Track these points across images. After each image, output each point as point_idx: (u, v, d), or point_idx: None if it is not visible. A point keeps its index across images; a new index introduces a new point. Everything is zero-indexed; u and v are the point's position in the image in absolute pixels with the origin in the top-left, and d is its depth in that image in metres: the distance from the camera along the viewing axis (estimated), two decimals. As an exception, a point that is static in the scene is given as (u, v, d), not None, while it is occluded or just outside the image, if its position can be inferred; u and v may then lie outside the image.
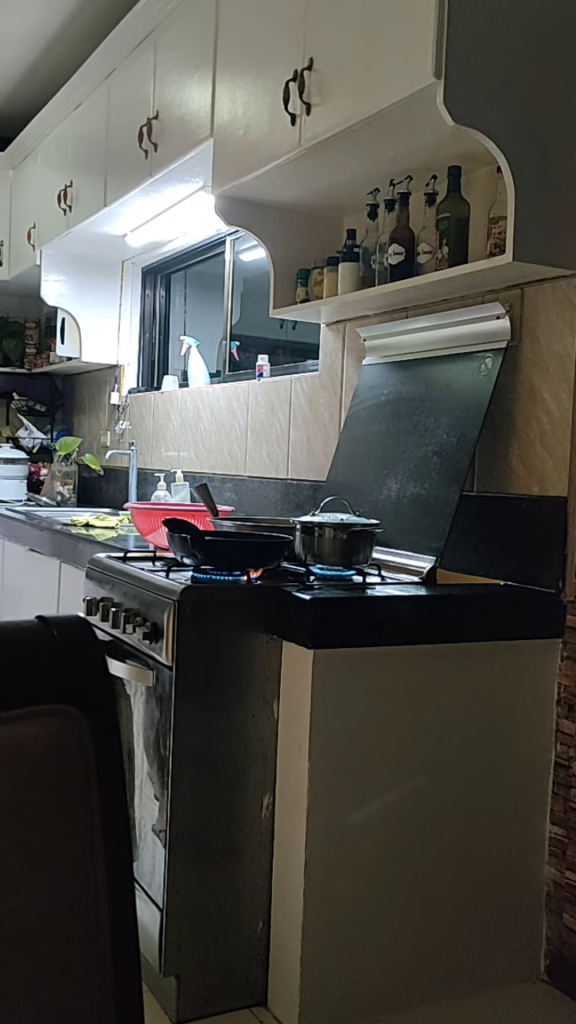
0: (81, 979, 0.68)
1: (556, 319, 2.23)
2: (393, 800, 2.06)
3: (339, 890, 2.00)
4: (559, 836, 2.21)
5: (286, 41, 2.51)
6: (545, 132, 2.07)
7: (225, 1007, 2.05)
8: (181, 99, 3.17)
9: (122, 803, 0.71)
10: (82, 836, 0.68)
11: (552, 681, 2.21)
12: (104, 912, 0.69)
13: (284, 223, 2.98)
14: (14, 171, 5.18)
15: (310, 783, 1.96)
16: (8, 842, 0.65)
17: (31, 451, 5.21)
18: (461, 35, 1.97)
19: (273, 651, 2.06)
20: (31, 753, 0.66)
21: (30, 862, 0.66)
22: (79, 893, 0.68)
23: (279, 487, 3.34)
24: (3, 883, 0.64)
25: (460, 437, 2.35)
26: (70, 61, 4.26)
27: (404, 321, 2.69)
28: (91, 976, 0.68)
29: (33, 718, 0.66)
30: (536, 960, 2.24)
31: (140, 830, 2.15)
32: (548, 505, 2.22)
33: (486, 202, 2.29)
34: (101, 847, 0.69)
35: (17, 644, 0.69)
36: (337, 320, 3.05)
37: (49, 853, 0.67)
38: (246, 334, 4.03)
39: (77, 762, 0.68)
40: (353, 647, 1.99)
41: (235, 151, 2.77)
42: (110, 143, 3.81)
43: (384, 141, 2.35)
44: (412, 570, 2.29)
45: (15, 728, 0.65)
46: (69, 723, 0.67)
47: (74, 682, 0.69)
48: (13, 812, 0.65)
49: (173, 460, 4.18)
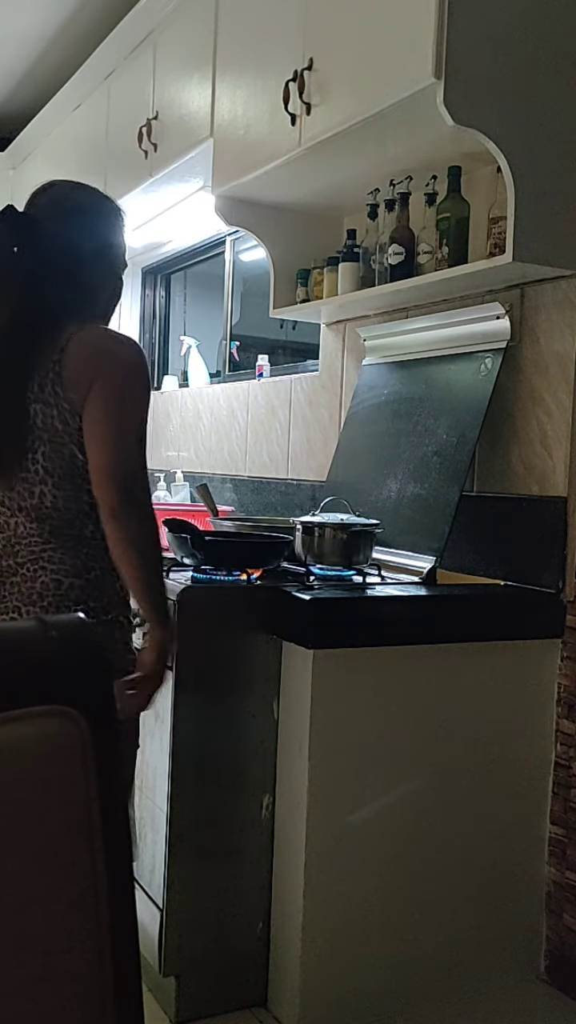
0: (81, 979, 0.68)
1: (556, 319, 2.23)
2: (393, 800, 2.06)
3: (339, 890, 2.00)
4: (559, 836, 2.21)
5: (286, 41, 2.51)
6: (545, 132, 2.07)
7: (225, 1007, 2.05)
8: (181, 99, 3.17)
9: (122, 803, 0.71)
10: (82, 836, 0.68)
11: (552, 681, 2.21)
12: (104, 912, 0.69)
13: (284, 223, 2.98)
14: (14, 171, 5.18)
15: (310, 783, 1.96)
16: (8, 842, 0.65)
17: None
18: (461, 35, 1.97)
19: (273, 651, 2.06)
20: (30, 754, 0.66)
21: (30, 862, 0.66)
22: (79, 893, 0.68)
23: (279, 487, 3.34)
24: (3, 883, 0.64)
25: (460, 437, 2.35)
26: (70, 61, 4.26)
27: (404, 321, 2.69)
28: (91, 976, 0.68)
29: (32, 719, 0.66)
30: (536, 960, 2.24)
31: (140, 830, 2.15)
32: (548, 505, 2.22)
33: (486, 202, 2.29)
34: (101, 847, 0.69)
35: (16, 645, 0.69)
36: (337, 320, 3.05)
37: (49, 853, 0.66)
38: (246, 334, 4.03)
39: (77, 763, 0.68)
40: (353, 647, 1.99)
41: (235, 151, 2.77)
42: (110, 143, 3.81)
43: (384, 141, 2.34)
44: (412, 570, 2.29)
45: (14, 729, 0.65)
46: (68, 724, 0.67)
47: (73, 683, 0.69)
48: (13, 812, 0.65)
49: (173, 460, 4.18)
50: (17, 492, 1.62)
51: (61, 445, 1.58)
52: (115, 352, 1.62)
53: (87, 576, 1.63)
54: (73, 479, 1.61)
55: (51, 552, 1.61)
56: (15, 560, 1.62)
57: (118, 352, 1.62)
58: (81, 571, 1.62)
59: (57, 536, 1.61)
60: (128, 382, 1.59)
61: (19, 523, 1.62)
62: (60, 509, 1.61)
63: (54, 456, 1.59)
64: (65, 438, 1.58)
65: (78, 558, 1.62)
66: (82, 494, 1.62)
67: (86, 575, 1.63)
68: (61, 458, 1.59)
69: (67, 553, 1.62)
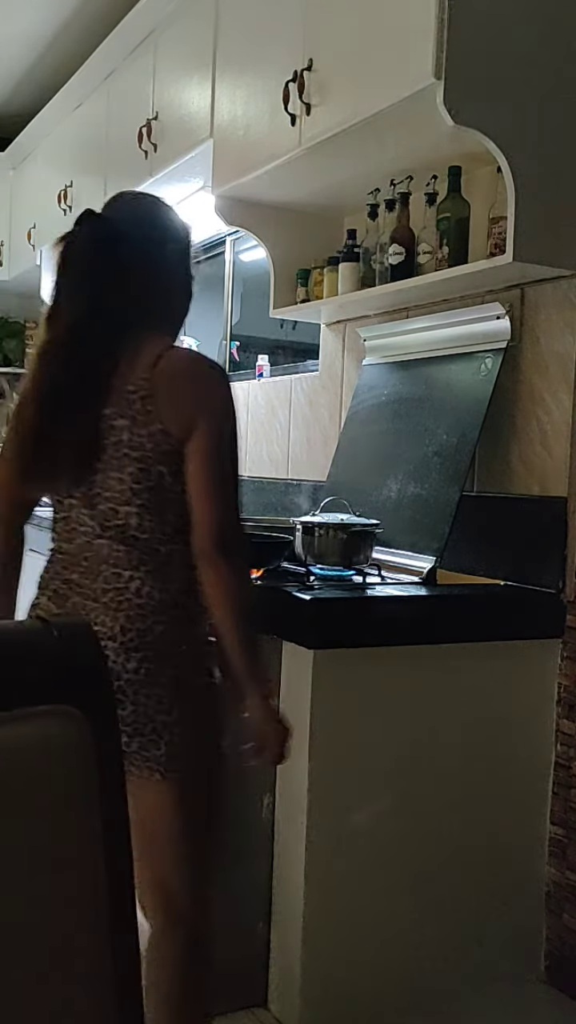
0: (81, 979, 0.68)
1: (556, 319, 2.23)
2: (393, 800, 2.06)
3: (339, 890, 2.00)
4: (559, 836, 2.21)
5: (286, 41, 2.50)
6: (545, 132, 2.07)
7: (225, 1007, 2.05)
8: (181, 99, 3.17)
9: (122, 803, 0.71)
10: (82, 836, 0.68)
11: (552, 681, 2.21)
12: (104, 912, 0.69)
13: (284, 223, 2.98)
14: (14, 171, 5.18)
15: (310, 783, 1.96)
16: (8, 842, 0.65)
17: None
18: (461, 35, 1.97)
19: (273, 651, 2.06)
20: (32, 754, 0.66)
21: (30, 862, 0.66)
22: (79, 893, 0.68)
23: (279, 487, 3.34)
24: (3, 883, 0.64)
25: (460, 437, 2.35)
26: (70, 61, 4.26)
27: (404, 321, 2.69)
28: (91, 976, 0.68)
29: (34, 719, 0.66)
30: (536, 960, 2.24)
31: (140, 830, 2.15)
32: (548, 505, 2.22)
33: (486, 202, 2.29)
34: (101, 847, 0.69)
35: (18, 644, 0.69)
36: (337, 320, 3.05)
37: (49, 853, 0.67)
38: (246, 334, 4.03)
39: (78, 762, 0.68)
40: (353, 647, 1.99)
41: (235, 151, 2.77)
42: (110, 143, 3.81)
43: (384, 141, 2.34)
44: (412, 570, 2.29)
45: (15, 729, 0.65)
46: (70, 724, 0.67)
47: (75, 682, 0.69)
48: (13, 812, 0.65)
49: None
50: (100, 511, 1.54)
51: (149, 464, 1.52)
52: (214, 386, 1.57)
53: (173, 612, 1.54)
54: (160, 501, 1.54)
55: (139, 583, 1.53)
56: (101, 585, 1.54)
57: (217, 387, 1.57)
58: (169, 607, 1.54)
59: (146, 563, 1.54)
60: (227, 423, 1.55)
61: (103, 545, 1.55)
62: (147, 532, 1.53)
63: (142, 477, 1.52)
64: (154, 457, 1.51)
65: (166, 592, 1.54)
66: (168, 515, 1.54)
67: (172, 611, 1.54)
68: (149, 478, 1.52)
69: (155, 586, 1.53)
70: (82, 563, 1.58)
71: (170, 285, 1.68)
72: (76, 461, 1.55)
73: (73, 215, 4.49)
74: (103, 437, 1.53)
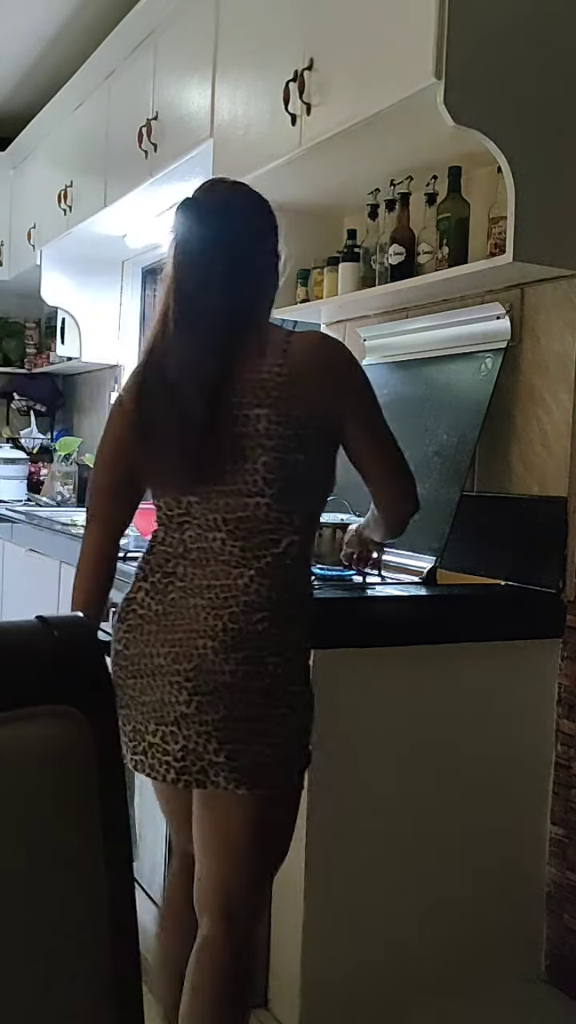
0: (81, 979, 0.68)
1: (556, 319, 2.23)
2: (393, 800, 2.06)
3: (339, 890, 2.00)
4: (559, 836, 2.21)
5: (286, 41, 2.50)
6: (545, 132, 2.07)
7: (225, 1007, 2.05)
8: (181, 99, 3.17)
9: (122, 803, 0.71)
10: (82, 836, 0.68)
11: (552, 681, 2.21)
12: (104, 912, 0.69)
13: (284, 223, 2.96)
14: (14, 171, 5.18)
15: (310, 783, 1.96)
16: (8, 841, 0.65)
17: (31, 451, 5.21)
18: (461, 35, 1.97)
19: (273, 651, 2.05)
20: (31, 754, 0.66)
21: (30, 862, 0.66)
22: (79, 893, 0.68)
23: (279, 487, 3.33)
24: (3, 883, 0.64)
25: (460, 437, 2.35)
26: (70, 61, 4.26)
27: (404, 321, 2.69)
28: (91, 976, 0.68)
29: (33, 719, 0.66)
30: (536, 960, 2.24)
31: (140, 830, 2.15)
32: (548, 505, 2.22)
33: (486, 202, 2.29)
34: (101, 847, 0.69)
35: (17, 644, 0.69)
36: (337, 320, 3.05)
37: (49, 853, 0.67)
38: (246, 334, 4.02)
39: (78, 763, 0.68)
40: (353, 647, 1.99)
41: (235, 151, 2.77)
42: (110, 143, 3.81)
43: (384, 141, 2.34)
44: (412, 570, 2.29)
45: (15, 729, 0.65)
46: (69, 724, 0.67)
47: (74, 682, 0.69)
48: (13, 812, 0.65)
49: (173, 460, 4.17)
50: (221, 504, 1.51)
51: (286, 453, 1.49)
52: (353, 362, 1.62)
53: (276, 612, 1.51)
54: (291, 491, 1.51)
55: (247, 580, 1.50)
56: (208, 581, 1.51)
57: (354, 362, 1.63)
58: (273, 605, 1.51)
59: (260, 558, 1.51)
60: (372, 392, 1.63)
61: (217, 538, 1.51)
62: (272, 523, 1.50)
63: (277, 466, 1.49)
64: (294, 445, 1.49)
65: (274, 589, 1.51)
66: (296, 505, 1.52)
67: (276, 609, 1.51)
68: (284, 467, 1.49)
69: (264, 583, 1.50)
70: (188, 556, 1.53)
71: (274, 277, 1.68)
72: (208, 455, 1.50)
73: (73, 215, 4.49)
74: (235, 427, 1.49)
